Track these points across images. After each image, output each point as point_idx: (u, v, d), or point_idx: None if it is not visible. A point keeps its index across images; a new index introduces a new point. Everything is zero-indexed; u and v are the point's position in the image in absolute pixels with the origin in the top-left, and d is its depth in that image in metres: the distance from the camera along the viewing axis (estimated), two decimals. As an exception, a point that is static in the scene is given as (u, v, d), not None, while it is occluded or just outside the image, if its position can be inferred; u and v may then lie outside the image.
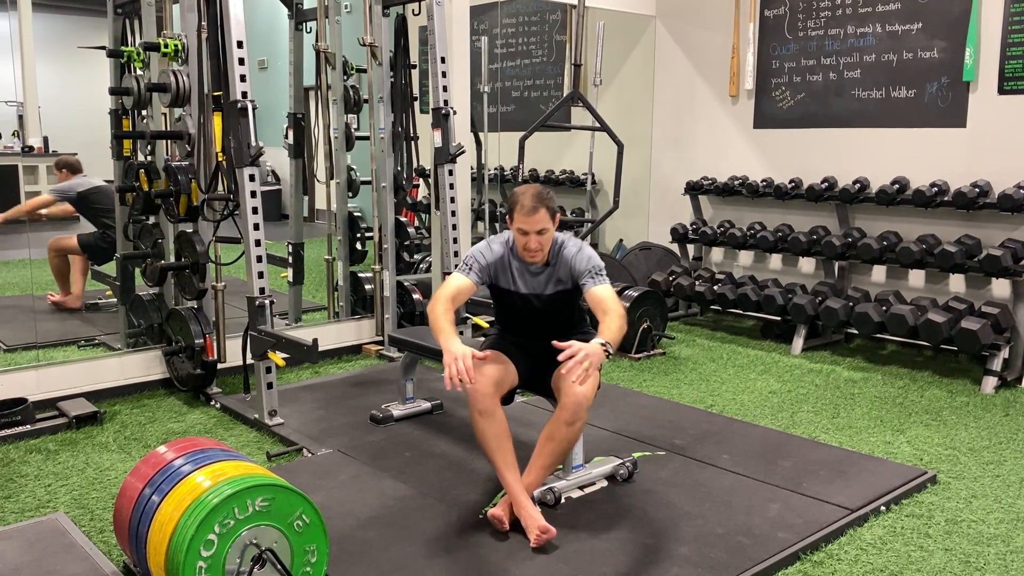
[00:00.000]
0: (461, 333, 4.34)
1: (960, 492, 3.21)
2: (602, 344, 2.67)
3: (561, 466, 3.13)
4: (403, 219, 5.33)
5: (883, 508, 3.03)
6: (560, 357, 2.60)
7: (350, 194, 5.49)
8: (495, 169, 6.95)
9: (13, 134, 6.03)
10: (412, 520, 2.91)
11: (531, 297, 3.06)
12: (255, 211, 3.84)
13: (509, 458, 2.81)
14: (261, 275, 3.87)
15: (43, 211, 5.57)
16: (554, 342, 2.67)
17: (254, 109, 3.79)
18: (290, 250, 5.64)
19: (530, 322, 3.13)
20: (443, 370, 2.73)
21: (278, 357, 3.83)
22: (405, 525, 2.87)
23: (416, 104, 5.49)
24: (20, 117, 5.32)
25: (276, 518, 2.23)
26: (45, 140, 5.66)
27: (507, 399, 3.06)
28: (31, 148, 5.41)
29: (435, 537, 2.78)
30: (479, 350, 3.03)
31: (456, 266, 4.49)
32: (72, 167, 5.64)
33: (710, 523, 2.88)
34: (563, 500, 3.02)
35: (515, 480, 2.79)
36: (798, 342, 5.25)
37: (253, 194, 3.84)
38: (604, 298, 2.87)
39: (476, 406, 2.83)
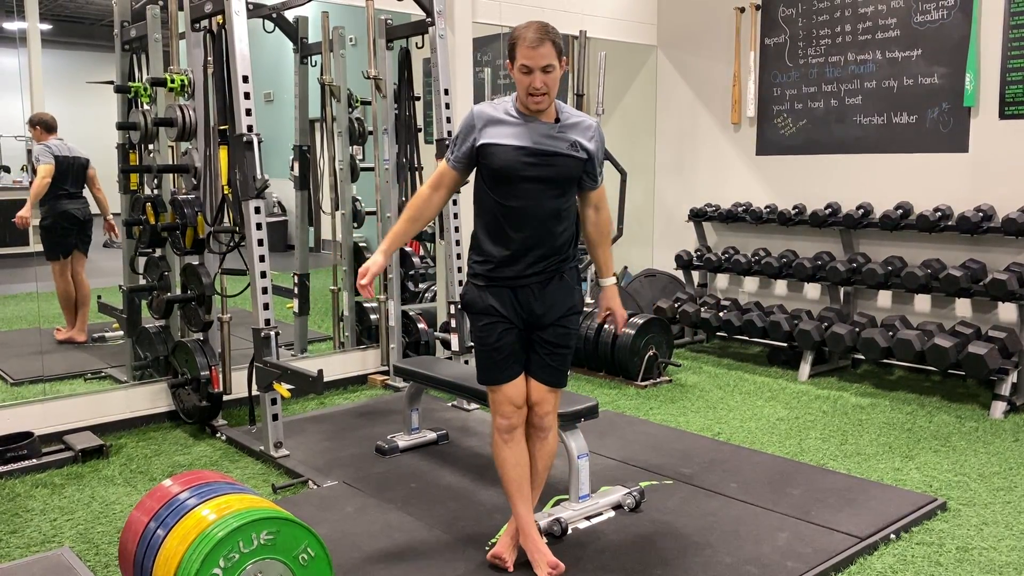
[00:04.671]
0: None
1: (971, 519, 3.18)
2: (616, 284, 2.89)
3: (568, 496, 3.12)
4: (408, 249, 5.35)
5: (893, 536, 3.00)
6: (599, 319, 2.94)
7: (355, 225, 5.52)
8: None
9: (22, 169, 6.08)
10: (418, 553, 2.89)
11: (537, 156, 2.55)
12: (260, 243, 3.87)
13: (525, 489, 2.74)
14: (267, 306, 3.89)
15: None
16: (600, 315, 2.88)
17: (260, 142, 3.83)
18: (296, 281, 5.66)
19: (528, 213, 2.58)
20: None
21: (283, 388, 3.83)
22: (411, 558, 2.85)
23: (420, 135, 5.53)
24: (29, 152, 5.36)
25: (281, 551, 2.22)
26: (53, 175, 5.68)
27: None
28: (39, 182, 5.41)
29: (441, 570, 2.76)
30: (466, 310, 2.73)
31: (461, 282, 4.53)
32: (47, 124, 5.21)
33: (718, 553, 2.86)
34: (570, 530, 3.00)
35: (528, 512, 2.74)
36: (805, 368, 5.23)
37: (259, 226, 3.86)
38: (602, 196, 2.79)
39: (499, 429, 2.72)
